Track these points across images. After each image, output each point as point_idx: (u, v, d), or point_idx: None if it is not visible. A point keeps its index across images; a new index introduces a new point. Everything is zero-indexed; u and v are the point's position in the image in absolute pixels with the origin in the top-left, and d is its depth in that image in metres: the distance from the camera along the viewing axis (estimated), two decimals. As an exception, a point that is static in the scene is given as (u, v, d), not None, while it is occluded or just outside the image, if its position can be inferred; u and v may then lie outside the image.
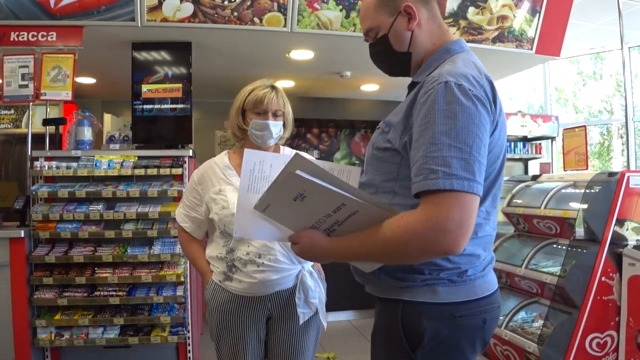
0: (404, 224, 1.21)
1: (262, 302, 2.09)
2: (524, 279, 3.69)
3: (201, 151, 6.47)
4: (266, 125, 2.10)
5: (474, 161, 1.20)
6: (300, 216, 1.32)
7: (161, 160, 3.97)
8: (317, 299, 2.14)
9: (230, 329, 2.11)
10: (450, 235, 1.16)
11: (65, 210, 3.76)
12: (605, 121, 8.10)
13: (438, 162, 1.19)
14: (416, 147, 1.25)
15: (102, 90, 6.65)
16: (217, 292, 2.12)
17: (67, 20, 4.05)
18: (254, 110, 2.12)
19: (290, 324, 2.14)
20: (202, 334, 4.78)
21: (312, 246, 1.36)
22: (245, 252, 2.03)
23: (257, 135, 2.12)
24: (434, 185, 1.18)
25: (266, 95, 2.11)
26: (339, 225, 1.30)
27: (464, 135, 1.20)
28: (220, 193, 2.10)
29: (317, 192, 1.22)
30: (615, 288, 3.25)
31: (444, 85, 1.25)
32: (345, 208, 1.24)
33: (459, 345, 1.38)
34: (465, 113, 1.22)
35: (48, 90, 4.03)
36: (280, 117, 2.16)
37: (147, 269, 3.82)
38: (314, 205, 1.26)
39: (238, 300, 2.09)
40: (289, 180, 1.21)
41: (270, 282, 2.04)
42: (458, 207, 1.17)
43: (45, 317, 3.75)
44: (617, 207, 3.28)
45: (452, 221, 1.16)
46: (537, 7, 5.03)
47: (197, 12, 4.16)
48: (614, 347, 3.25)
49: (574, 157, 4.22)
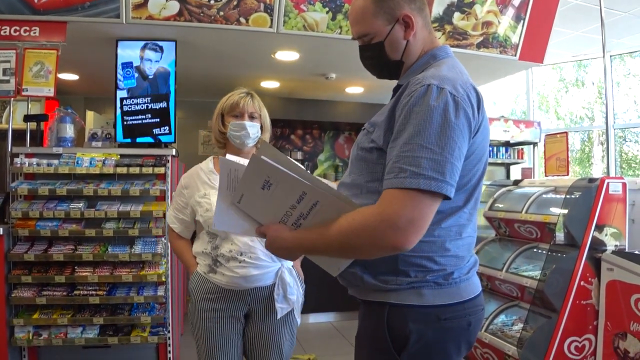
0: (359, 216, 1.25)
1: (242, 296, 2.21)
2: (504, 283, 3.72)
3: (184, 150, 6.44)
4: (243, 126, 2.24)
5: (446, 162, 1.22)
6: (269, 208, 1.38)
7: (144, 159, 3.94)
8: (295, 295, 2.27)
9: (211, 317, 2.22)
10: (399, 231, 1.19)
11: (46, 208, 3.72)
12: (586, 128, 8.20)
13: (408, 162, 1.22)
14: (392, 147, 1.28)
15: (85, 87, 6.58)
16: (202, 282, 2.25)
17: (50, 15, 4.00)
18: (231, 113, 2.28)
19: (269, 319, 2.26)
20: (182, 334, 4.75)
21: (276, 238, 1.39)
22: (228, 250, 2.16)
23: (236, 135, 2.26)
24: (400, 184, 1.21)
25: (242, 98, 2.29)
26: (304, 219, 1.35)
27: (438, 137, 1.22)
28: (205, 197, 2.23)
29: (281, 179, 1.29)
30: (594, 292, 3.30)
31: (426, 87, 1.27)
32: (306, 197, 1.30)
33: (445, 348, 1.39)
34: (442, 116, 1.24)
35: (30, 86, 3.97)
36: (257, 119, 2.31)
37: (127, 268, 3.79)
38: (279, 195, 1.33)
39: (220, 292, 2.21)
40: (256, 165, 1.29)
41: (250, 277, 2.17)
42: (412, 205, 1.20)
43: (23, 316, 3.69)
44: (596, 213, 3.33)
45: (403, 217, 1.19)
46: (521, 14, 5.08)
47: (182, 11, 4.14)
48: (591, 350, 3.30)
49: (555, 163, 4.27)
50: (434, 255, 1.36)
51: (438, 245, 1.36)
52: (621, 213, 3.40)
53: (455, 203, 1.36)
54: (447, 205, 1.34)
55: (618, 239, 3.39)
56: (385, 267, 1.37)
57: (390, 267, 1.36)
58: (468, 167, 1.35)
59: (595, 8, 4.59)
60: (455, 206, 1.37)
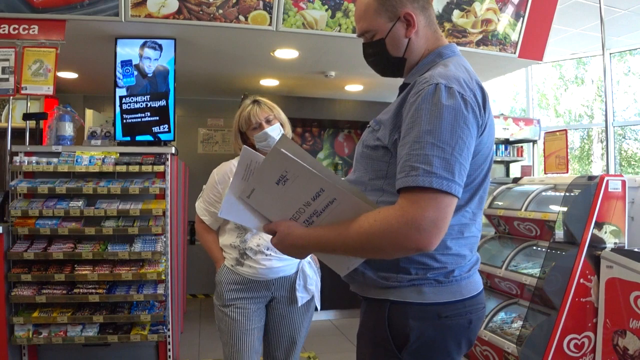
0: (381, 218, 1.24)
1: (266, 285, 2.39)
2: (503, 280, 3.72)
3: (184, 149, 6.44)
4: (265, 134, 2.35)
5: (455, 162, 1.22)
6: (281, 204, 1.35)
7: (143, 157, 3.94)
8: (314, 285, 2.47)
9: (237, 305, 2.37)
10: (424, 233, 1.19)
11: (45, 207, 3.72)
12: (585, 125, 8.20)
13: (419, 160, 1.21)
14: (402, 145, 1.28)
15: (84, 86, 6.56)
16: (229, 274, 2.41)
17: (49, 13, 3.99)
18: (249, 128, 2.39)
19: (290, 307, 2.45)
20: (182, 332, 4.75)
21: (288, 235, 1.37)
22: (256, 244, 2.34)
23: (263, 145, 2.36)
24: (413, 182, 1.20)
25: (250, 111, 2.38)
26: (317, 216, 1.33)
27: (448, 136, 1.22)
28: None
29: (299, 174, 1.26)
30: (593, 290, 3.30)
31: (434, 86, 1.27)
32: (323, 194, 1.28)
33: (445, 346, 1.39)
34: (451, 115, 1.24)
35: (29, 85, 3.97)
36: (273, 120, 2.40)
37: (127, 266, 3.79)
38: (294, 191, 1.30)
39: (246, 282, 2.38)
40: (275, 158, 1.26)
41: (275, 268, 2.35)
42: (434, 206, 1.20)
43: (23, 315, 3.69)
44: (596, 211, 3.33)
45: (426, 219, 1.19)
46: (521, 11, 5.07)
47: (182, 9, 4.13)
48: (591, 348, 3.30)
49: (554, 161, 4.27)
50: (435, 253, 1.35)
51: (440, 244, 1.36)
52: (620, 211, 3.40)
53: (458, 202, 1.36)
54: None
55: (617, 237, 3.39)
56: (387, 264, 1.37)
57: (391, 264, 1.36)
58: (474, 167, 1.35)
59: (594, 5, 4.59)
60: (457, 205, 1.36)
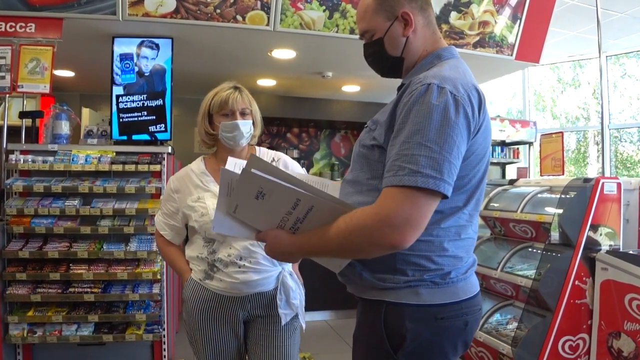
0: (357, 217, 1.26)
1: (241, 302, 2.09)
2: (499, 282, 3.73)
3: (180, 148, 6.43)
4: (236, 125, 2.08)
5: (443, 160, 1.23)
6: (264, 215, 1.39)
7: (139, 157, 3.93)
8: (297, 299, 2.15)
9: (208, 327, 2.10)
10: (397, 230, 1.20)
11: (41, 205, 3.71)
12: (581, 128, 8.22)
13: (407, 160, 1.23)
14: (392, 145, 1.29)
15: (80, 84, 6.56)
16: (197, 289, 2.11)
17: (46, 11, 3.99)
18: (220, 112, 2.10)
19: (273, 326, 2.14)
20: (177, 332, 4.74)
21: (276, 243, 1.41)
22: (226, 254, 2.04)
23: (228, 137, 2.10)
24: (399, 182, 1.22)
25: (230, 95, 2.09)
26: (301, 223, 1.37)
27: (436, 135, 1.23)
28: (198, 200, 2.08)
29: (274, 190, 1.30)
30: (588, 292, 3.30)
31: (426, 86, 1.28)
32: (301, 204, 1.31)
33: (441, 347, 1.39)
34: (440, 114, 1.25)
35: (25, 83, 3.96)
36: (249, 115, 2.14)
37: (123, 266, 3.77)
38: (274, 203, 1.34)
39: (217, 299, 2.08)
40: (247, 179, 1.30)
41: (252, 282, 2.05)
42: (409, 203, 1.21)
43: (18, 313, 3.68)
44: (591, 213, 3.33)
45: (399, 217, 1.20)
46: (518, 13, 5.09)
47: (179, 8, 4.13)
48: (585, 350, 3.31)
49: (550, 163, 4.28)
50: (432, 254, 1.36)
51: (436, 245, 1.36)
52: (616, 213, 3.41)
53: (455, 203, 1.37)
54: (447, 206, 1.35)
55: (612, 239, 3.40)
56: (383, 265, 1.37)
57: (388, 265, 1.37)
58: (468, 168, 1.36)
59: (591, 8, 4.61)
60: (455, 207, 1.38)
